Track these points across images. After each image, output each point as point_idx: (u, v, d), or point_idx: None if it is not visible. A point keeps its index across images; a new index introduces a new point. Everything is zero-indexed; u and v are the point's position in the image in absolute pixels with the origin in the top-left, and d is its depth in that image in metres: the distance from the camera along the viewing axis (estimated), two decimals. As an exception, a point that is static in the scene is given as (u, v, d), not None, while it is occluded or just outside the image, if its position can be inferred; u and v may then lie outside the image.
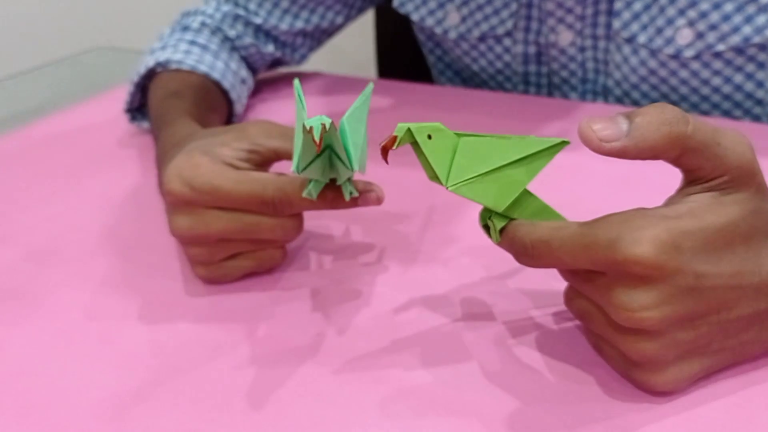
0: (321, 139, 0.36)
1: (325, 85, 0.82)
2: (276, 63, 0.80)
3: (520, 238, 0.36)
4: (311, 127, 0.36)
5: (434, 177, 0.37)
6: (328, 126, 0.36)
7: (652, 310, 0.32)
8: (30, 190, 0.63)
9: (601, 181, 0.57)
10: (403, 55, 0.95)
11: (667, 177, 0.38)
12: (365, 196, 0.43)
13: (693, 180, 0.35)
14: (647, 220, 0.33)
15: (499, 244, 0.38)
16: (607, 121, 0.33)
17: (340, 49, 1.44)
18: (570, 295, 0.38)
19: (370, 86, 0.43)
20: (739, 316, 0.34)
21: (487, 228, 0.39)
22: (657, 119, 0.33)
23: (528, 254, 0.36)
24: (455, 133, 0.37)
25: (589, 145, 0.33)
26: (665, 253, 0.32)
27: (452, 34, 0.77)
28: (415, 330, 0.42)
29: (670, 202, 0.35)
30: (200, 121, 0.58)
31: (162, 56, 0.68)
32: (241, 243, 0.45)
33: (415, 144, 0.37)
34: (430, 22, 0.78)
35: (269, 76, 0.84)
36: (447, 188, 0.36)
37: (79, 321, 0.45)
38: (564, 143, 0.36)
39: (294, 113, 0.42)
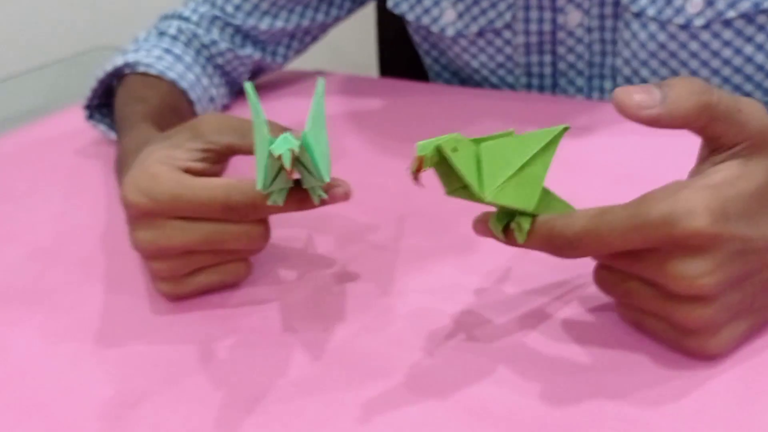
0: (292, 166, 0.35)
1: (327, 84, 0.82)
2: (257, 70, 0.80)
3: (559, 232, 0.36)
4: (280, 155, 0.35)
5: (456, 191, 0.36)
6: (297, 151, 0.35)
7: (709, 276, 0.34)
8: (32, 190, 0.62)
9: (597, 175, 0.56)
10: (405, 55, 0.95)
11: (658, 172, 0.37)
12: (333, 193, 0.41)
13: (716, 148, 0.36)
14: (695, 192, 0.34)
15: (528, 243, 0.37)
16: (642, 89, 0.35)
17: (341, 49, 1.44)
18: (605, 277, 0.39)
19: (321, 83, 0.41)
20: None
21: (501, 231, 0.38)
22: (687, 89, 0.35)
23: (572, 246, 0.36)
24: (471, 140, 0.35)
25: (626, 112, 0.35)
26: (718, 222, 0.34)
27: (449, 32, 0.76)
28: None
29: (699, 172, 0.37)
30: (162, 127, 0.56)
31: (132, 57, 0.68)
32: (205, 255, 0.44)
33: (439, 161, 0.35)
34: (426, 20, 0.77)
35: (273, 76, 0.84)
36: (485, 200, 0.35)
37: (82, 320, 0.45)
38: (565, 129, 0.37)
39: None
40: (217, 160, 0.46)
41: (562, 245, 0.36)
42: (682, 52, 0.67)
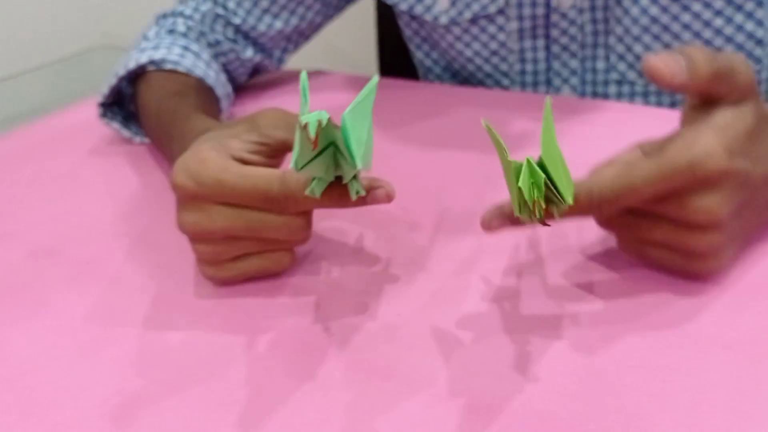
0: (317, 136, 0.35)
1: (326, 83, 0.82)
2: (256, 70, 0.80)
3: (599, 196, 0.40)
4: (306, 123, 0.35)
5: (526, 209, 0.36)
6: (324, 122, 0.35)
7: (724, 207, 0.40)
8: (31, 189, 0.62)
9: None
10: (404, 55, 0.95)
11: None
12: (374, 193, 0.42)
13: (709, 101, 0.42)
14: (708, 136, 0.39)
15: (569, 213, 0.39)
16: (671, 59, 0.40)
17: (341, 48, 1.44)
18: (626, 223, 0.43)
19: (375, 80, 0.41)
20: (765, 198, 0.43)
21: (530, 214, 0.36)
22: (702, 58, 0.40)
23: (611, 204, 0.40)
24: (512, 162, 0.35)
25: (660, 80, 0.40)
26: (730, 159, 0.39)
27: (443, 20, 0.76)
28: (425, 339, 0.42)
29: (694, 119, 0.42)
30: (198, 108, 0.58)
31: (156, 55, 0.68)
32: (247, 242, 0.45)
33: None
34: (419, 9, 0.77)
35: (273, 76, 0.84)
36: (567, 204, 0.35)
37: (81, 320, 0.45)
38: (549, 98, 0.37)
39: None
40: (272, 154, 0.46)
41: (601, 205, 0.40)
42: (674, 24, 0.68)
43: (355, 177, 0.40)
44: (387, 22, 0.99)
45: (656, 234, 0.42)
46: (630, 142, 0.45)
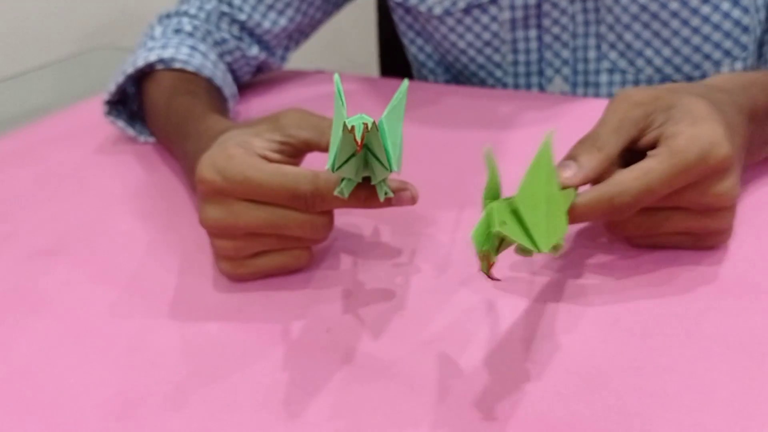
0: (362, 139, 0.35)
1: (327, 82, 0.82)
2: (259, 69, 0.80)
3: (620, 201, 0.41)
4: (353, 127, 0.35)
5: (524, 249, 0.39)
6: (369, 126, 0.36)
7: (737, 186, 0.43)
8: (33, 189, 0.62)
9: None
10: (405, 54, 0.95)
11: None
12: (399, 195, 0.43)
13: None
14: (706, 128, 0.42)
15: (589, 217, 0.41)
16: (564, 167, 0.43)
17: (342, 48, 1.44)
18: (641, 222, 0.44)
19: (405, 83, 0.42)
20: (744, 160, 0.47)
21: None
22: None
23: (631, 207, 0.42)
24: (503, 201, 0.36)
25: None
26: (732, 144, 0.42)
27: (437, 10, 0.76)
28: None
29: (659, 121, 0.44)
30: (212, 107, 0.58)
31: (165, 53, 0.68)
32: (268, 239, 0.45)
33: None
34: (413, 1, 0.77)
35: (275, 75, 0.84)
36: (546, 251, 0.35)
37: (84, 320, 0.45)
38: (551, 134, 0.37)
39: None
40: (294, 154, 0.47)
41: (622, 209, 0.41)
42: (663, 12, 0.69)
43: (384, 179, 0.41)
44: (388, 21, 0.99)
45: (672, 225, 0.44)
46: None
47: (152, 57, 0.68)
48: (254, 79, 0.83)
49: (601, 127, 0.44)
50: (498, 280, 0.37)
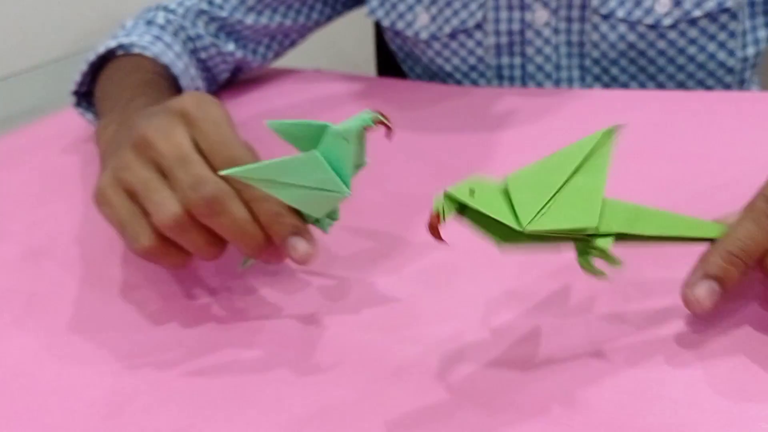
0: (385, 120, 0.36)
1: (324, 82, 0.82)
2: (237, 69, 0.80)
3: (720, 263, 0.36)
4: (371, 122, 0.36)
5: (500, 237, 0.33)
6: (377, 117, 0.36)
7: None
8: (29, 190, 0.62)
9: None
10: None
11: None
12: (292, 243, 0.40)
13: None
14: None
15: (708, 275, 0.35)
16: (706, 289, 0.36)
17: (339, 48, 1.44)
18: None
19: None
20: None
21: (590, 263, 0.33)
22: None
23: (739, 265, 0.36)
24: (496, 180, 0.32)
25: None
26: None
27: (423, 35, 0.77)
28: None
29: None
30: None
31: (126, 40, 0.69)
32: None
33: (460, 209, 0.32)
34: (400, 25, 0.78)
35: (272, 73, 0.84)
36: (525, 231, 0.32)
37: (76, 321, 0.45)
38: (612, 131, 0.33)
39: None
40: None
41: (740, 268, 0.36)
42: (650, 50, 0.71)
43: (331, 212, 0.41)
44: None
45: None
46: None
47: (113, 44, 0.68)
48: (249, 78, 0.82)
49: None
50: (442, 240, 0.32)
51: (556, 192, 0.32)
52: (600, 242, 0.33)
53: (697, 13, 0.68)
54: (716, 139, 0.59)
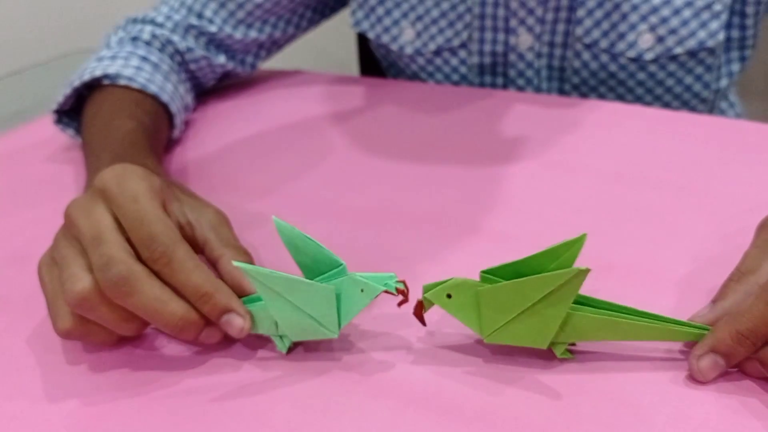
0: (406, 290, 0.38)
1: (306, 82, 0.82)
2: (224, 76, 0.80)
3: (728, 342, 0.36)
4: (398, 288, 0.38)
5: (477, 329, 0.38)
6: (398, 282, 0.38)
7: None
8: (9, 194, 0.62)
9: (590, 175, 0.57)
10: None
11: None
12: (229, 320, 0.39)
13: None
14: None
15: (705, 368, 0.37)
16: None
17: (323, 48, 1.44)
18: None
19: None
20: None
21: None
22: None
23: (747, 345, 0.36)
24: (474, 283, 0.37)
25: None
26: None
27: (408, 50, 0.78)
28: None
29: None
30: (153, 146, 0.58)
31: (111, 68, 0.67)
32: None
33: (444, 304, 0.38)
34: (385, 39, 0.79)
35: (256, 75, 0.84)
36: (484, 340, 0.38)
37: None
38: (584, 272, 0.35)
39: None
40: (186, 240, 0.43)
41: (741, 351, 0.36)
42: (630, 80, 0.73)
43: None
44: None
45: None
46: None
47: (98, 72, 0.66)
48: (230, 80, 0.82)
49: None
50: (424, 324, 0.39)
51: (519, 314, 0.36)
52: (556, 349, 0.38)
53: (678, 50, 0.69)
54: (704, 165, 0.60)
